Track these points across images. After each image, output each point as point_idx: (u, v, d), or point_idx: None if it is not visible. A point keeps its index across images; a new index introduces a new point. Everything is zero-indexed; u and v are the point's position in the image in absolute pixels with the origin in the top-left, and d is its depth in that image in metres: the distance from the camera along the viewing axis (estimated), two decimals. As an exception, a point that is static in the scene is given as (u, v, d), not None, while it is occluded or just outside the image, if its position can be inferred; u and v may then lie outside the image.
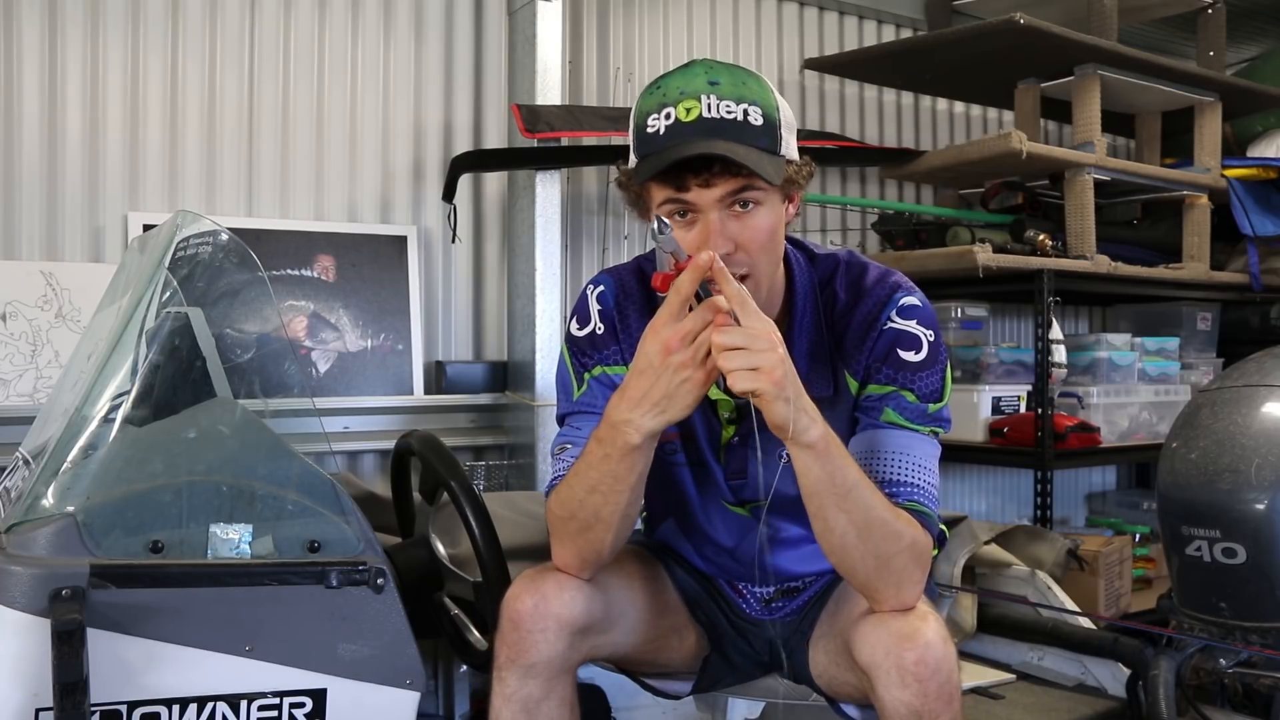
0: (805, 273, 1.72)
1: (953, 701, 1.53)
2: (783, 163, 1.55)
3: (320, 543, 1.79)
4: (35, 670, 1.56)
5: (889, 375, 1.64)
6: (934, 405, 1.65)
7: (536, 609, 1.64)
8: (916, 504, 1.59)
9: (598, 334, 1.73)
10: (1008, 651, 3.04)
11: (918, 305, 1.68)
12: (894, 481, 1.60)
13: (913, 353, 1.64)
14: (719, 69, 1.55)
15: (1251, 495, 2.35)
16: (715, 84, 1.53)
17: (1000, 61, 3.85)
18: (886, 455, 1.63)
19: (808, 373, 1.62)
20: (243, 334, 2.08)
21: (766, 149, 1.53)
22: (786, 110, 1.59)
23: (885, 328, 1.65)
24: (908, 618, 1.55)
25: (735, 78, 1.54)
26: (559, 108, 3.25)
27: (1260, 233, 4.09)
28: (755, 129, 1.52)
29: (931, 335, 1.66)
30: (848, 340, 1.67)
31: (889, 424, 1.64)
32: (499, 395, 3.32)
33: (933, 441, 1.66)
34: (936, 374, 1.66)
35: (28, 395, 2.69)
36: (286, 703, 1.73)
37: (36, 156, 2.81)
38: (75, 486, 1.73)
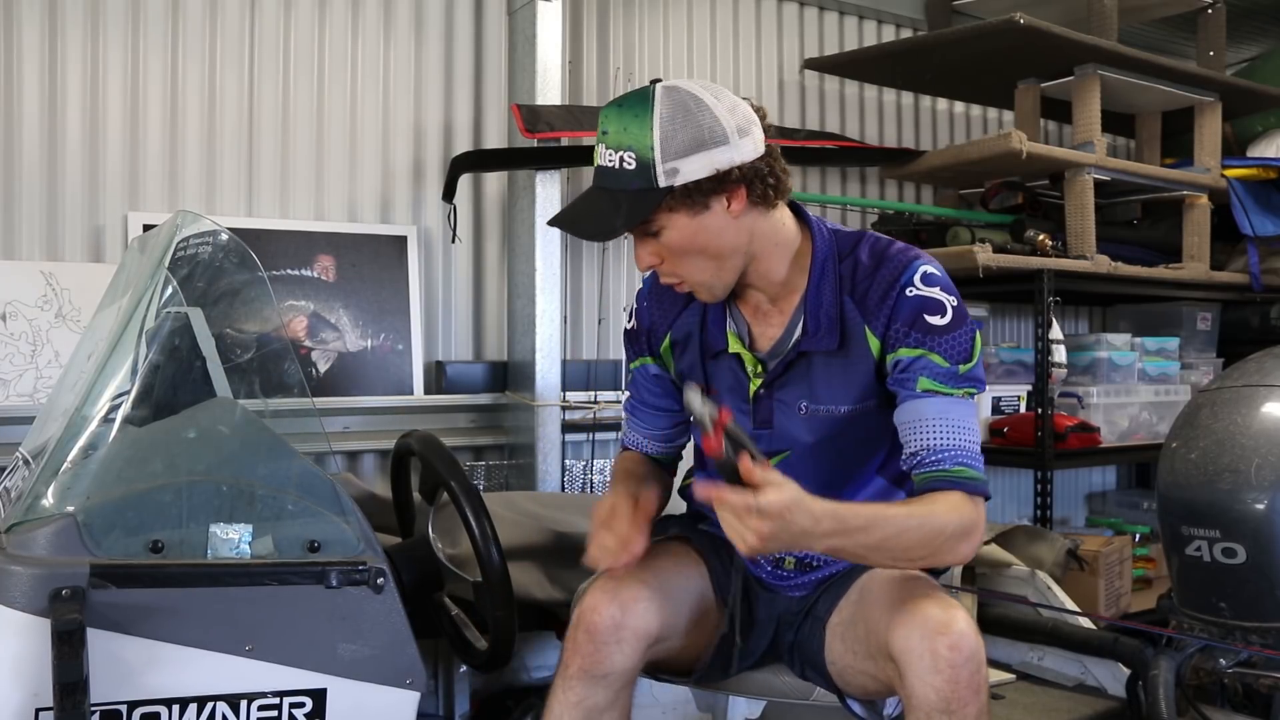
0: (826, 243, 1.84)
1: (980, 693, 1.59)
2: (656, 195, 1.66)
3: (320, 543, 1.79)
4: (35, 670, 1.56)
5: (917, 339, 1.74)
6: (964, 366, 1.73)
7: (616, 622, 1.71)
8: (962, 468, 1.70)
9: (631, 331, 2.01)
10: (1008, 651, 3.05)
11: (938, 274, 1.78)
12: (938, 448, 1.70)
13: (938, 317, 1.74)
14: (612, 115, 1.69)
15: (1251, 495, 2.35)
16: (605, 133, 1.70)
17: (1000, 61, 3.85)
18: (927, 423, 1.72)
19: (817, 329, 1.80)
20: (243, 334, 2.08)
21: (641, 188, 1.66)
22: (684, 135, 1.66)
23: (909, 292, 1.75)
24: (940, 608, 1.62)
25: (621, 123, 1.68)
26: (559, 108, 3.25)
27: (1260, 233, 4.10)
28: (628, 174, 1.67)
29: (955, 301, 1.76)
30: (870, 298, 1.78)
31: (925, 392, 1.73)
32: (499, 395, 3.33)
33: (967, 402, 1.74)
34: (964, 336, 1.74)
35: (28, 395, 2.69)
36: (286, 703, 1.73)
37: (36, 156, 2.81)
38: (75, 486, 1.73)
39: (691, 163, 1.66)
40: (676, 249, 1.73)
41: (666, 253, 1.73)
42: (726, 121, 1.68)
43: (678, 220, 1.70)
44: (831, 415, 1.82)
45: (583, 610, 1.73)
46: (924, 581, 1.79)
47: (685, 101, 1.67)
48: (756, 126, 1.72)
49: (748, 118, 1.71)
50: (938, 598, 1.67)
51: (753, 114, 1.73)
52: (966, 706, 1.57)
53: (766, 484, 1.50)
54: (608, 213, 1.69)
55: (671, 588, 1.81)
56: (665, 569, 1.86)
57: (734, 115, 1.69)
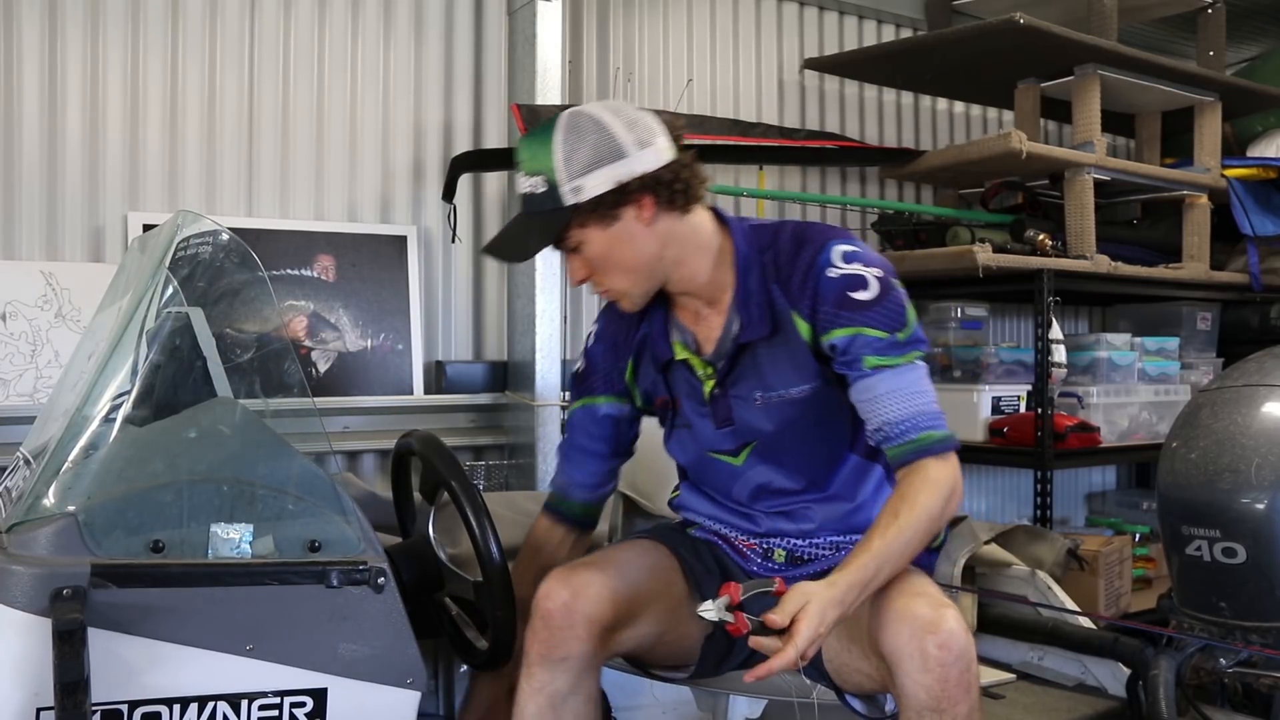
0: (746, 240, 1.92)
1: (970, 691, 1.61)
2: (565, 213, 1.78)
3: (321, 542, 1.79)
4: (36, 670, 1.56)
5: (848, 318, 1.79)
6: (902, 333, 1.79)
7: (567, 606, 1.75)
8: (926, 433, 1.76)
9: (579, 371, 2.11)
10: (1008, 651, 3.04)
11: (857, 250, 1.84)
12: (898, 420, 1.77)
13: (863, 292, 1.79)
14: (524, 145, 1.82)
15: (1251, 495, 2.35)
16: (520, 162, 1.82)
17: (1000, 61, 3.85)
18: (882, 399, 1.78)
19: (749, 320, 1.88)
20: (243, 334, 2.08)
21: (552, 208, 1.78)
22: (583, 154, 1.77)
23: (830, 273, 1.81)
24: (930, 607, 1.65)
25: (530, 151, 1.80)
26: (559, 108, 3.25)
27: (1260, 233, 4.10)
28: (541, 196, 1.79)
29: (878, 272, 1.81)
30: (793, 283, 1.85)
31: (873, 369, 1.78)
32: (499, 395, 3.33)
33: (915, 366, 1.80)
34: (893, 304, 1.80)
35: (28, 395, 2.69)
36: (287, 702, 1.73)
37: (36, 156, 2.81)
38: (76, 486, 1.73)
39: (593, 178, 1.77)
40: (597, 261, 1.83)
41: (590, 266, 1.84)
42: (623, 137, 1.77)
43: (591, 234, 1.81)
44: (786, 399, 1.89)
45: (537, 598, 1.79)
46: (917, 579, 1.80)
47: (583, 124, 1.78)
48: (661, 137, 1.81)
49: (649, 129, 1.80)
50: (928, 596, 1.69)
51: (657, 125, 1.82)
52: (957, 705, 1.59)
53: (791, 617, 1.57)
54: (523, 236, 1.84)
55: (630, 576, 1.85)
56: (624, 559, 1.92)
57: (632, 130, 1.79)
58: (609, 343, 2.06)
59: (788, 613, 1.58)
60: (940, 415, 1.79)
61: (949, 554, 3.02)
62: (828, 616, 1.59)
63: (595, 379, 2.07)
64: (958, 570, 2.99)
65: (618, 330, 2.05)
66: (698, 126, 3.55)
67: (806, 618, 1.57)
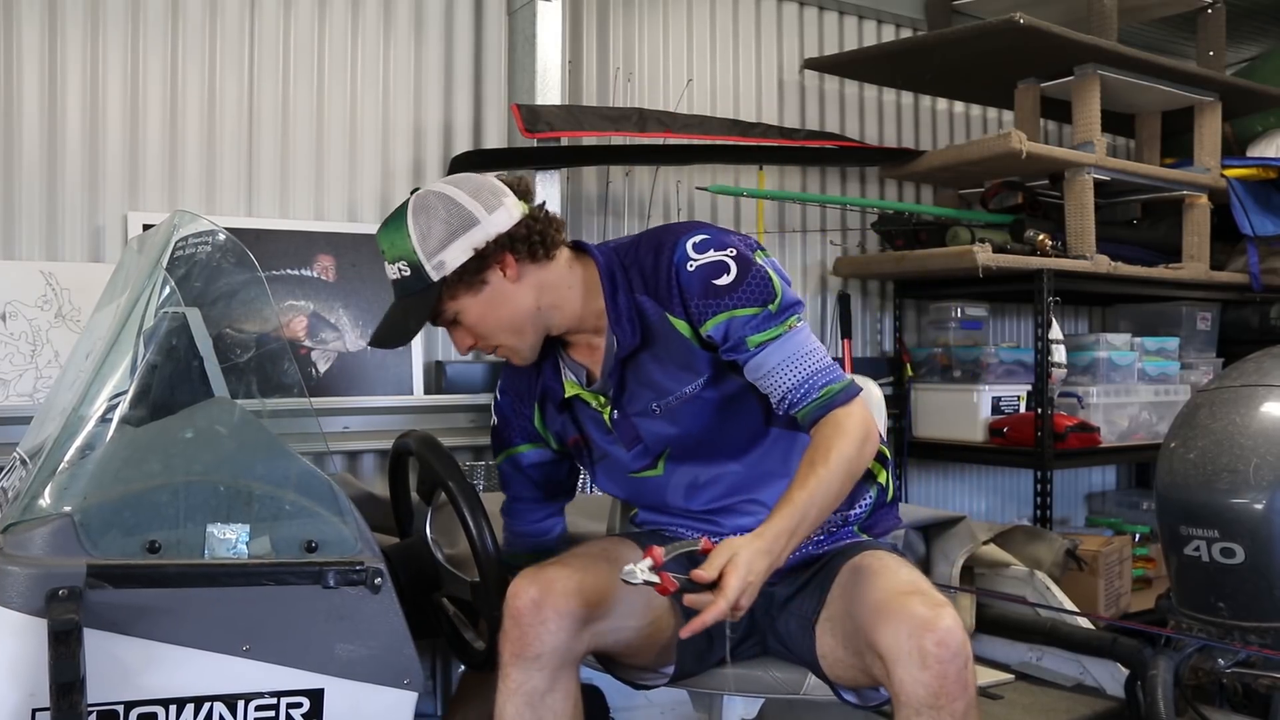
0: (606, 261, 1.94)
1: (967, 688, 1.62)
2: (434, 289, 1.84)
3: (317, 543, 1.79)
4: (32, 670, 1.56)
5: (716, 305, 1.82)
6: (774, 304, 1.82)
7: (536, 603, 1.74)
8: (826, 389, 1.81)
9: (495, 427, 2.15)
10: (1007, 651, 3.05)
11: (707, 238, 1.87)
12: (797, 386, 1.82)
13: (724, 276, 1.82)
14: (382, 235, 1.88)
15: (1250, 495, 2.35)
16: (383, 251, 1.87)
17: (1000, 61, 3.85)
18: (776, 371, 1.82)
19: (624, 336, 1.90)
20: (240, 334, 2.08)
21: (421, 288, 1.84)
22: (437, 230, 1.83)
23: (689, 267, 1.83)
24: (927, 605, 1.65)
25: (389, 240, 1.86)
26: (559, 108, 3.26)
27: (1260, 233, 4.10)
28: (408, 280, 1.85)
29: (731, 251, 1.84)
30: (660, 288, 1.88)
31: (757, 346, 1.82)
32: (498, 395, 3.33)
33: (796, 330, 1.84)
34: (754, 280, 1.82)
35: (27, 395, 2.69)
36: (284, 703, 1.73)
37: (36, 156, 2.81)
38: (72, 486, 1.73)
39: (452, 251, 1.82)
40: (478, 326, 1.89)
41: (473, 332, 1.90)
42: (470, 205, 1.83)
43: (464, 303, 1.86)
44: (683, 399, 1.91)
45: (507, 598, 1.78)
46: (909, 575, 1.81)
47: (430, 202, 1.84)
48: (508, 196, 1.87)
49: (494, 191, 1.87)
50: (924, 594, 1.70)
51: (501, 186, 1.88)
52: (955, 701, 1.60)
53: (719, 571, 1.60)
54: (400, 320, 1.88)
55: (598, 570, 1.85)
56: (592, 554, 1.92)
57: (478, 196, 1.85)
58: (513, 395, 2.09)
59: (715, 566, 1.60)
60: (835, 367, 1.84)
61: (947, 554, 3.02)
62: (755, 566, 1.61)
63: (511, 431, 2.11)
64: (956, 570, 2.99)
65: (518, 381, 2.09)
66: (698, 126, 3.55)
67: (735, 569, 1.59)
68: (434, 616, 2.13)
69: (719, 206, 3.85)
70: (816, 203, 4.01)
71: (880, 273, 4.05)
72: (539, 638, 1.73)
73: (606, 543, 2.04)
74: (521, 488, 2.15)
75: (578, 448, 2.07)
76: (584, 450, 2.07)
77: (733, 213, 3.85)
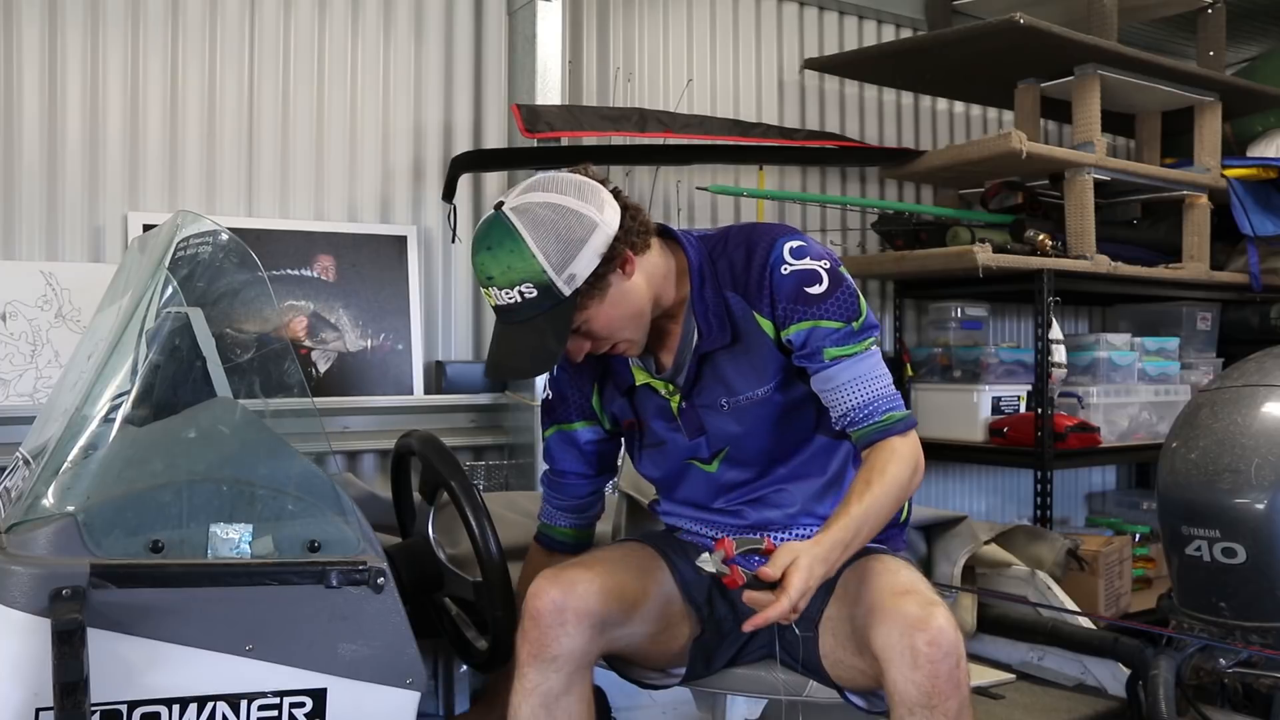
0: (696, 252, 1.93)
1: (960, 688, 1.63)
2: (569, 304, 1.76)
3: (320, 542, 1.79)
4: (35, 670, 1.56)
5: (804, 312, 1.84)
6: (857, 321, 1.84)
7: (557, 605, 1.75)
8: (887, 415, 1.83)
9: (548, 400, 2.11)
10: (1008, 651, 3.04)
11: (804, 244, 1.88)
12: (861, 405, 1.83)
13: (816, 286, 1.84)
14: (489, 261, 1.75)
15: (1251, 495, 2.35)
16: (490, 279, 1.76)
17: (1000, 61, 3.85)
18: (844, 387, 1.84)
19: (709, 330, 1.90)
20: (243, 334, 2.08)
21: (552, 306, 1.75)
22: (558, 243, 1.74)
23: (783, 270, 1.85)
24: (919, 605, 1.67)
25: (501, 264, 1.74)
26: (559, 108, 3.26)
27: (1260, 233, 4.10)
28: (534, 301, 1.75)
29: (827, 264, 1.86)
30: (750, 286, 1.88)
31: (832, 360, 1.84)
32: (499, 395, 3.33)
33: (871, 352, 1.86)
34: (843, 295, 1.84)
35: (28, 395, 2.69)
36: (286, 702, 1.73)
37: (36, 156, 2.81)
38: (75, 486, 1.73)
39: (581, 262, 1.75)
40: (604, 330, 1.84)
41: (592, 338, 1.85)
42: (584, 209, 1.76)
43: (593, 311, 1.80)
44: (752, 401, 1.92)
45: (528, 598, 1.78)
46: (908, 576, 1.82)
47: (542, 215, 1.74)
48: (604, 191, 1.81)
49: (594, 190, 1.80)
50: (917, 594, 1.71)
51: (592, 182, 1.81)
52: (948, 700, 1.61)
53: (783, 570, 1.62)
54: (537, 344, 1.77)
55: (618, 574, 1.86)
56: (612, 559, 1.93)
57: (584, 198, 1.77)
58: (571, 371, 2.06)
59: (780, 565, 1.62)
60: (898, 396, 1.86)
61: (949, 554, 3.02)
62: (815, 571, 1.63)
63: (567, 407, 2.08)
64: (957, 570, 2.99)
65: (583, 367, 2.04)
66: (698, 126, 3.55)
67: (797, 571, 1.61)
68: (436, 616, 2.13)
69: (719, 206, 3.85)
70: (816, 203, 4.01)
71: (880, 273, 4.05)
72: (558, 640, 1.74)
73: (628, 547, 2.05)
74: (572, 462, 2.11)
75: (631, 430, 2.07)
76: (636, 434, 2.07)
77: (733, 213, 3.85)
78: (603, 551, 1.99)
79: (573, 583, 1.77)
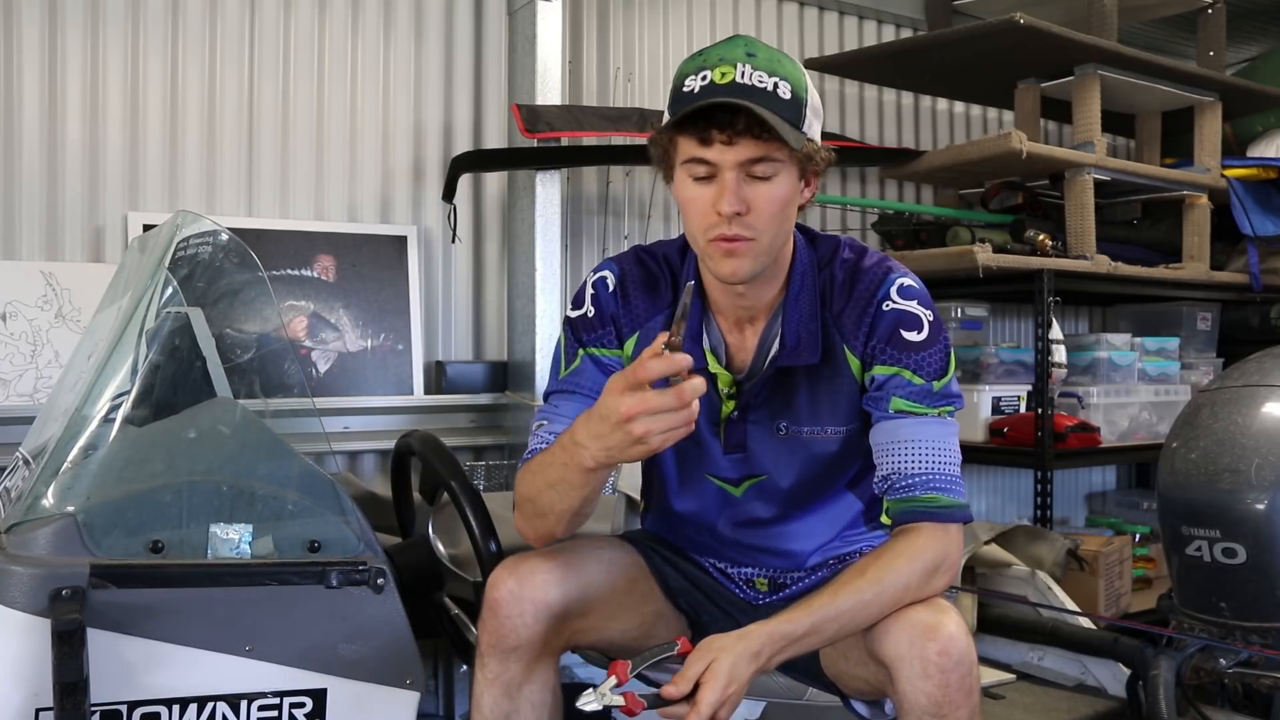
0: (805, 251, 1.77)
1: (972, 694, 1.57)
2: (804, 137, 1.61)
3: (320, 543, 1.79)
4: (35, 670, 1.56)
5: (893, 356, 1.69)
6: (939, 382, 1.68)
7: (513, 594, 1.68)
8: (934, 495, 1.65)
9: (589, 317, 1.80)
10: (1008, 651, 3.05)
11: (915, 286, 1.73)
12: (910, 472, 1.66)
13: (915, 332, 1.69)
14: (758, 45, 1.61)
15: (1251, 495, 2.35)
16: (752, 55, 1.58)
17: (1000, 61, 3.85)
18: (901, 445, 1.67)
19: (797, 343, 1.72)
20: (243, 334, 2.08)
21: (790, 121, 1.58)
22: (815, 98, 1.65)
23: (886, 308, 1.70)
24: (930, 611, 1.59)
25: (772, 55, 1.60)
26: (559, 108, 3.25)
27: (1260, 233, 4.09)
28: (783, 101, 1.57)
29: (931, 315, 1.71)
30: (846, 317, 1.72)
31: (898, 413, 1.68)
32: (499, 395, 3.33)
33: (945, 421, 1.69)
34: (938, 352, 1.69)
35: (28, 395, 2.69)
36: (286, 703, 1.73)
37: (36, 156, 2.81)
38: (75, 486, 1.73)
39: (815, 126, 1.65)
40: (767, 208, 1.60)
41: (762, 202, 1.60)
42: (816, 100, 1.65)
43: (787, 176, 1.62)
44: (815, 437, 1.77)
45: (486, 589, 1.71)
46: None
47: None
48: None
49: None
50: (927, 600, 1.63)
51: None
52: (958, 709, 1.55)
53: (694, 681, 1.48)
54: (773, 120, 1.55)
55: (584, 566, 1.77)
56: (578, 550, 1.81)
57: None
58: (622, 299, 1.79)
59: (689, 679, 1.48)
60: (957, 481, 1.67)
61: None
62: (739, 672, 1.49)
63: (606, 330, 1.79)
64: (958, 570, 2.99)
65: (638, 295, 1.79)
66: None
67: (712, 680, 1.47)
68: (436, 616, 2.13)
69: (719, 206, 3.85)
70: (817, 202, 4.00)
71: None
72: (515, 630, 1.68)
73: (598, 540, 1.94)
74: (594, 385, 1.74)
75: None
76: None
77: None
78: (569, 542, 1.83)
79: (531, 572, 1.70)
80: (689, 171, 1.62)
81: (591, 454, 1.51)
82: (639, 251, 1.87)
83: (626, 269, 1.83)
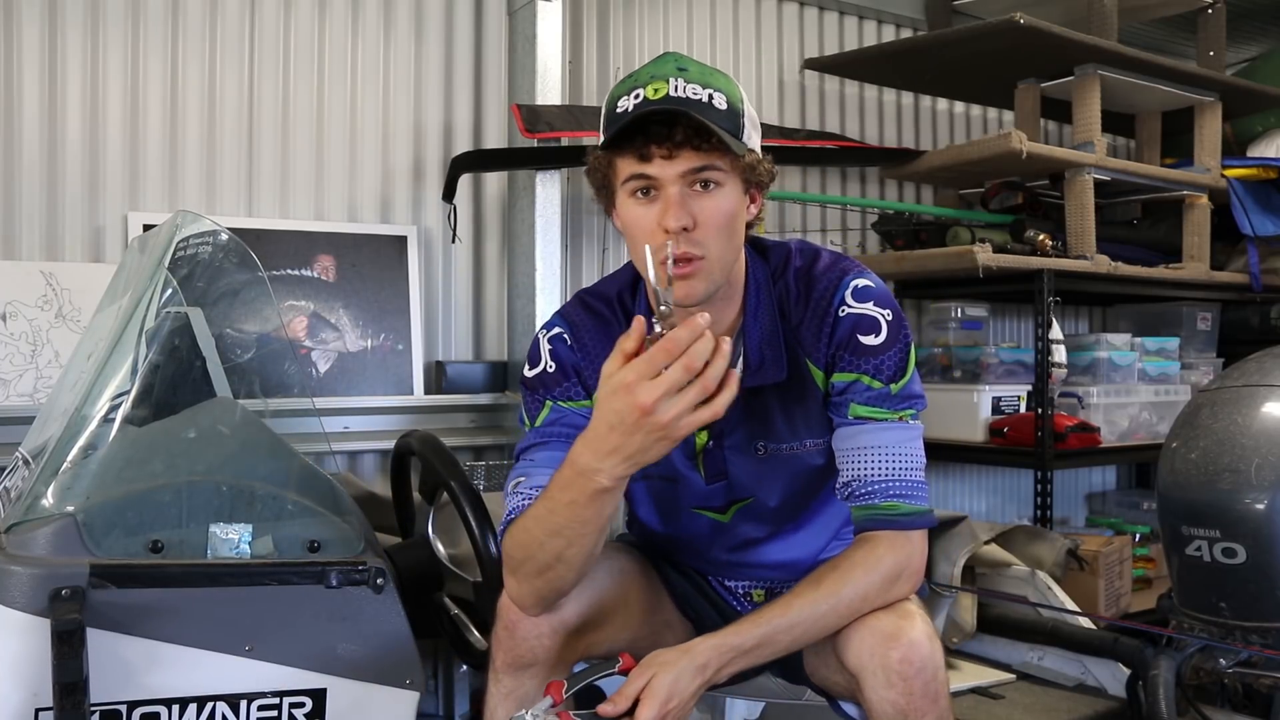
0: (758, 267, 1.72)
1: (938, 700, 1.54)
2: (744, 146, 1.58)
3: (320, 543, 1.79)
4: (35, 670, 1.56)
5: (851, 362, 1.64)
6: (896, 385, 1.64)
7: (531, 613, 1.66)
8: (894, 502, 1.61)
9: (549, 372, 1.75)
10: (1008, 651, 3.05)
11: (871, 286, 1.68)
12: (870, 479, 1.62)
13: (873, 336, 1.64)
14: (689, 60, 1.59)
15: (1251, 495, 2.35)
16: (684, 70, 1.55)
17: (1000, 61, 3.85)
18: (860, 452, 1.64)
19: (761, 362, 1.67)
20: (243, 334, 2.08)
21: (729, 131, 1.54)
22: (751, 110, 1.63)
23: (842, 314, 1.65)
24: (893, 618, 1.57)
25: (704, 70, 1.57)
26: (559, 108, 3.25)
27: (1260, 233, 4.10)
28: (720, 111, 1.54)
29: (889, 314, 1.66)
30: (804, 330, 1.67)
31: (857, 419, 1.64)
32: (499, 395, 3.33)
33: (906, 426, 1.64)
34: (896, 353, 1.64)
35: (28, 395, 2.69)
36: (286, 703, 1.73)
37: (36, 156, 2.81)
38: (75, 486, 1.73)
39: (755, 138, 1.63)
40: (714, 221, 1.55)
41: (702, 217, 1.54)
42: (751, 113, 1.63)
43: (732, 188, 1.58)
44: (795, 453, 1.73)
45: (500, 606, 1.68)
46: None
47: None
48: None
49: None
50: (894, 605, 1.61)
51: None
52: (924, 716, 1.53)
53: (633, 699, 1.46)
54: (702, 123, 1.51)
55: (597, 579, 1.74)
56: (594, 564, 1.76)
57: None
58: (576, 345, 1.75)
59: (628, 696, 1.45)
60: (920, 486, 1.62)
61: (949, 554, 3.02)
62: (680, 688, 1.46)
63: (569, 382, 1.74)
64: (958, 570, 2.99)
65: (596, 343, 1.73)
66: (698, 126, 3.54)
67: (649, 697, 1.45)
68: (436, 616, 2.13)
69: (719, 206, 3.85)
70: (816, 203, 4.01)
71: (880, 273, 3.89)
72: (532, 650, 1.67)
73: (609, 548, 1.87)
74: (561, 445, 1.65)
75: None
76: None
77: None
78: None
79: None
80: (630, 190, 1.57)
81: (608, 472, 1.43)
82: (583, 297, 1.81)
83: (576, 319, 1.77)
